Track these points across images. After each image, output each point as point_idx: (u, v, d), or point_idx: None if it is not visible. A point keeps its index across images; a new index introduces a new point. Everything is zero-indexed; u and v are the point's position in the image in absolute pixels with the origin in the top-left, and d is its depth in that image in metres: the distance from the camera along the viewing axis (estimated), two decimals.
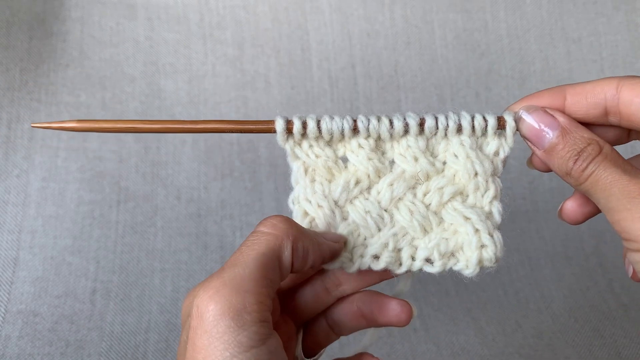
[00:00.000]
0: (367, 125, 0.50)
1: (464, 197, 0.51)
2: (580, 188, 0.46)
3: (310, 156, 0.51)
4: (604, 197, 0.44)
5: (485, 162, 0.51)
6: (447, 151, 0.51)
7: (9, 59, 1.09)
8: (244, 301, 0.39)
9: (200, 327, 0.38)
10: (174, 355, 0.95)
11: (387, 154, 0.52)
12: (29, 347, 0.92)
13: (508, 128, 0.50)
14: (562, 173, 0.47)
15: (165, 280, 1.04)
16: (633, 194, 0.43)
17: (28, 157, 1.08)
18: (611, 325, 1.06)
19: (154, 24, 1.19)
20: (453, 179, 0.52)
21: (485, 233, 0.50)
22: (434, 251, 0.49)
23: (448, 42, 1.26)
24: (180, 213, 1.10)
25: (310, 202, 0.50)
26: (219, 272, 0.41)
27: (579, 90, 0.49)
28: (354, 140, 0.51)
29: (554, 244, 1.17)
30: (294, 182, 0.52)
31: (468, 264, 0.50)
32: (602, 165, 0.45)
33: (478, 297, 1.09)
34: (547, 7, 1.29)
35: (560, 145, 0.47)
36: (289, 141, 0.50)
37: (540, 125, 0.48)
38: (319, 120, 0.50)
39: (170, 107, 1.16)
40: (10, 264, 1.00)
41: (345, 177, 0.51)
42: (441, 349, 1.00)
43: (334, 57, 1.23)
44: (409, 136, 0.51)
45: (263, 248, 0.42)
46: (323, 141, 0.51)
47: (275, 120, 0.50)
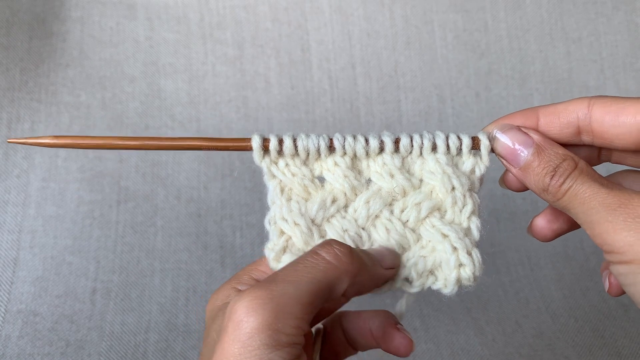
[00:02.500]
0: (343, 142, 0.50)
1: (442, 213, 0.51)
2: (558, 204, 0.47)
3: (287, 175, 0.51)
4: (583, 211, 0.44)
5: (462, 177, 0.51)
6: (423, 169, 0.51)
7: (9, 59, 1.09)
8: (285, 323, 0.39)
9: (235, 335, 0.38)
10: (174, 355, 0.95)
11: (364, 173, 0.52)
12: (29, 347, 0.92)
13: (483, 147, 0.50)
14: (538, 190, 0.47)
15: (165, 280, 1.04)
16: (613, 205, 0.43)
17: (28, 157, 1.08)
18: (611, 325, 1.06)
19: (154, 24, 1.19)
20: (430, 195, 0.51)
21: (463, 251, 0.49)
22: (412, 270, 0.49)
23: (448, 42, 1.26)
24: (180, 213, 1.10)
25: (286, 221, 0.50)
26: (270, 283, 0.40)
27: (552, 110, 0.49)
28: (330, 158, 0.51)
29: (554, 244, 1.17)
30: (270, 202, 0.51)
31: (446, 283, 0.49)
32: (579, 180, 0.45)
33: (478, 297, 1.09)
34: (547, 7, 1.29)
35: (535, 163, 0.47)
36: (265, 159, 0.50)
37: (515, 143, 0.48)
38: (295, 138, 0.50)
39: (170, 107, 1.16)
40: (10, 264, 1.00)
41: (322, 196, 0.51)
42: (441, 349, 1.00)
43: (334, 57, 1.23)
44: (384, 154, 0.51)
45: (320, 276, 0.42)
46: (299, 159, 0.51)
47: (252, 137, 0.50)
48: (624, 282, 0.44)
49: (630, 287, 0.43)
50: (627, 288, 0.44)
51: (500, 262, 1.14)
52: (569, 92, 1.27)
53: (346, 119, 1.20)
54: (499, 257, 1.15)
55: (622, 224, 0.42)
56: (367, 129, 1.20)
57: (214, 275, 1.06)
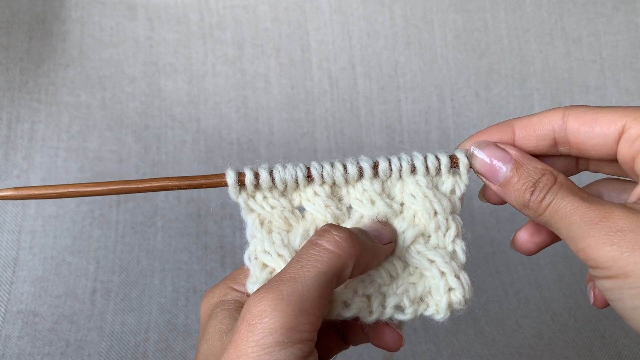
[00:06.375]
0: (321, 172, 0.49)
1: (425, 238, 0.50)
2: (540, 219, 0.46)
3: (265, 208, 0.49)
4: (565, 227, 0.44)
5: (443, 200, 0.50)
6: (404, 192, 0.51)
7: (9, 59, 1.09)
8: (297, 321, 0.39)
9: (250, 335, 0.39)
10: (174, 355, 0.95)
11: (344, 200, 0.51)
12: (29, 347, 0.92)
13: (461, 165, 0.50)
14: (519, 206, 0.47)
15: (165, 280, 1.04)
16: (594, 220, 0.42)
17: (28, 157, 1.08)
18: (611, 325, 1.06)
19: (154, 24, 1.19)
20: (413, 220, 0.51)
21: (451, 276, 0.48)
22: (404, 297, 0.48)
23: (448, 42, 1.26)
24: (180, 213, 1.10)
25: (269, 254, 0.48)
26: (277, 282, 0.40)
27: (526, 123, 0.49)
28: (309, 188, 0.50)
29: (554, 244, 1.17)
30: (250, 237, 0.50)
31: (438, 309, 0.48)
32: (559, 194, 0.45)
33: (478, 297, 1.09)
34: (547, 7, 1.29)
35: (515, 178, 0.47)
36: (242, 194, 0.49)
37: (493, 160, 0.48)
38: (271, 170, 0.49)
39: (170, 107, 1.16)
40: (10, 264, 1.00)
41: (304, 226, 0.50)
42: (441, 349, 1.00)
43: (334, 57, 1.23)
44: (364, 180, 0.50)
45: (325, 267, 0.42)
46: (277, 191, 0.49)
47: (226, 173, 0.49)
48: (610, 297, 0.43)
49: (616, 302, 0.42)
50: (613, 303, 0.43)
51: (500, 262, 1.14)
52: (569, 92, 1.27)
53: (346, 119, 1.20)
54: (499, 257, 1.15)
55: (605, 238, 0.41)
56: (367, 128, 1.20)
57: (214, 275, 1.06)
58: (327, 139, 1.18)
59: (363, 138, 1.19)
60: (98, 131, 1.11)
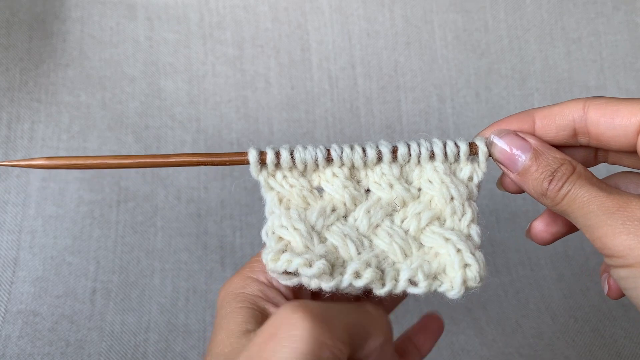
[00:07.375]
0: (341, 153, 0.50)
1: (441, 222, 0.51)
2: (557, 208, 0.47)
3: (285, 186, 0.51)
4: (582, 215, 0.44)
5: (460, 186, 0.51)
6: (422, 178, 0.51)
7: (9, 59, 1.09)
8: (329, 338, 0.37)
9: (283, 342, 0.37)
10: (174, 355, 0.95)
11: (362, 183, 0.52)
12: (29, 347, 0.92)
13: (480, 153, 0.50)
14: (537, 195, 0.47)
15: (165, 280, 1.04)
16: (612, 209, 0.42)
17: (28, 157, 1.08)
18: (611, 325, 1.06)
19: (154, 24, 1.19)
20: (429, 205, 0.51)
21: (467, 252, 0.48)
22: (418, 271, 0.48)
23: (448, 42, 1.26)
24: (180, 213, 1.10)
25: (285, 228, 0.49)
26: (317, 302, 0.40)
27: (547, 113, 0.49)
28: (328, 169, 0.51)
29: (554, 244, 1.16)
30: (268, 213, 0.51)
31: (453, 285, 0.48)
32: (577, 184, 0.45)
33: (478, 297, 1.09)
34: (547, 7, 1.29)
35: (533, 167, 0.47)
36: (263, 172, 0.51)
37: (512, 148, 0.49)
38: (292, 150, 0.50)
39: (170, 107, 1.16)
40: (10, 264, 1.00)
41: (322, 205, 0.51)
42: (441, 349, 1.00)
43: (334, 57, 1.23)
44: (382, 164, 0.51)
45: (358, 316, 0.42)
46: (297, 171, 0.51)
47: (248, 151, 0.50)
48: (625, 286, 0.43)
49: (631, 291, 0.43)
50: (627, 292, 0.44)
51: (500, 262, 1.14)
52: (569, 92, 1.27)
53: (346, 119, 1.20)
54: (499, 257, 1.15)
55: (622, 227, 0.42)
56: (367, 128, 1.20)
57: (214, 275, 1.05)
58: (327, 139, 1.18)
59: (363, 138, 1.19)
60: (98, 131, 1.11)
